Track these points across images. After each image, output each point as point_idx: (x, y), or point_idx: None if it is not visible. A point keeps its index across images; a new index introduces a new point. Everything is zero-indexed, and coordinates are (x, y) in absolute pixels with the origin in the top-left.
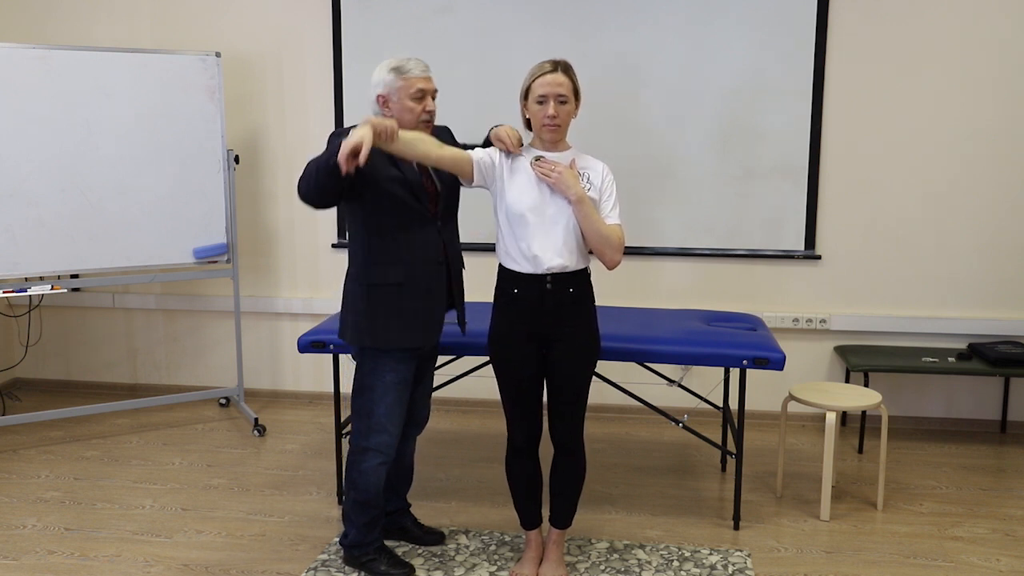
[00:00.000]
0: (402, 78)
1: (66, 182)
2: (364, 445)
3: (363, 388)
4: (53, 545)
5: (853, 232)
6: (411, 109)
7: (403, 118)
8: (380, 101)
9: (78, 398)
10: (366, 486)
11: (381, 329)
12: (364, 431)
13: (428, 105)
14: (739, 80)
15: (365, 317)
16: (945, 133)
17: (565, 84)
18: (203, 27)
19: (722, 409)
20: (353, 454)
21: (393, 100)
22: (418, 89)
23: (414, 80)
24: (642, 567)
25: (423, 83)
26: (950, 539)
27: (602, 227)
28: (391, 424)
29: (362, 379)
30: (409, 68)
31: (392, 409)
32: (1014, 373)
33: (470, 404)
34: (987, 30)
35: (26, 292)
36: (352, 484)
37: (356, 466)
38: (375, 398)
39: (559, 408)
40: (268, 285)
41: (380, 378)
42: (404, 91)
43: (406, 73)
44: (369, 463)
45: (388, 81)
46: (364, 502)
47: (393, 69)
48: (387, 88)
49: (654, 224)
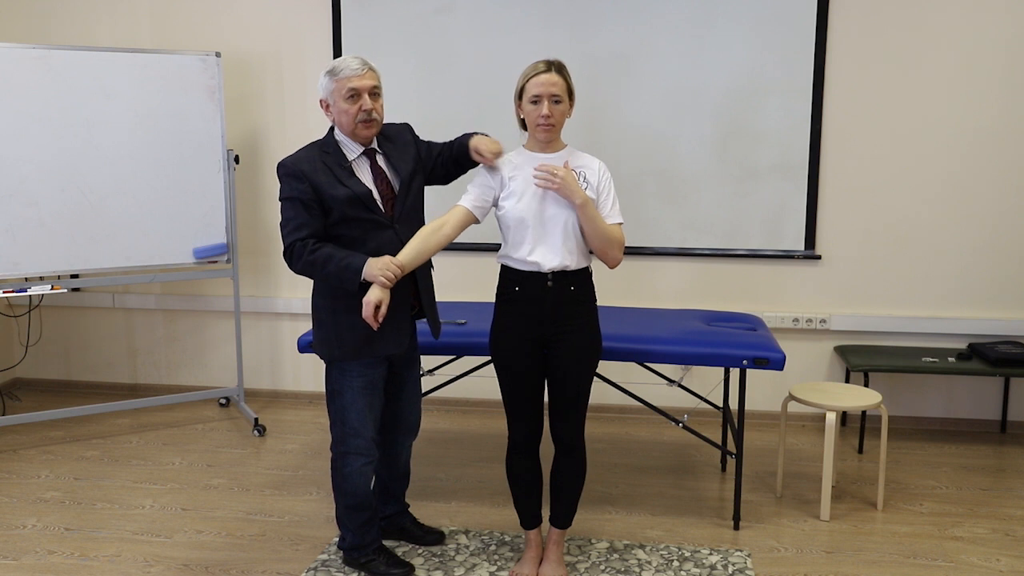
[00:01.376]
0: (335, 79)
1: (66, 182)
2: (342, 450)
3: (333, 394)
4: (53, 545)
5: (853, 232)
6: (346, 111)
7: (342, 122)
8: (323, 107)
9: (78, 398)
10: (353, 489)
11: (344, 341)
12: (340, 437)
13: (364, 104)
14: (739, 80)
15: (328, 329)
16: (945, 133)
17: (559, 84)
18: (203, 27)
19: (722, 409)
20: (334, 460)
21: (332, 104)
22: (349, 89)
23: (344, 81)
24: (642, 567)
25: (356, 81)
26: (950, 539)
27: (606, 229)
28: (364, 428)
29: (331, 386)
30: (341, 68)
31: (364, 413)
32: (1014, 373)
33: (470, 404)
34: (987, 30)
35: (26, 292)
36: (339, 490)
37: (339, 471)
38: (346, 404)
39: (560, 407)
40: (268, 285)
41: (349, 384)
42: (338, 93)
43: (338, 74)
44: (351, 466)
45: (324, 84)
46: (355, 505)
47: (328, 72)
48: (325, 92)
49: (654, 224)
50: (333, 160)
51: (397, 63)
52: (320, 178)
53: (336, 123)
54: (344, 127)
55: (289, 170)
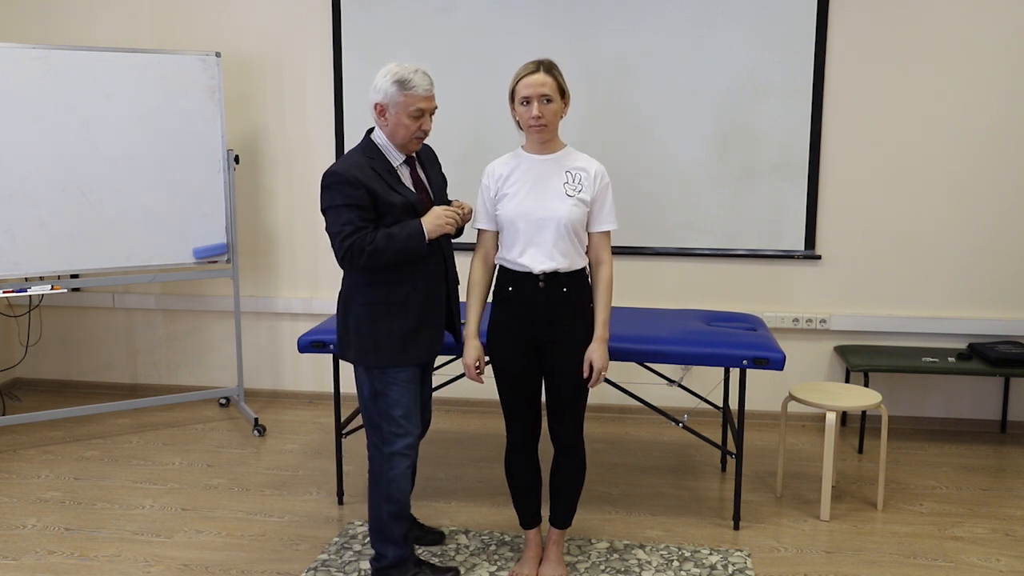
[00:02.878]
0: (404, 93)
1: (66, 182)
2: (389, 452)
3: (376, 396)
4: (53, 545)
5: (853, 232)
6: (406, 126)
7: (396, 132)
8: (377, 110)
9: (78, 398)
10: (399, 495)
11: (389, 349)
12: (388, 438)
13: (424, 124)
14: (739, 80)
15: (370, 337)
16: (945, 133)
17: (549, 84)
18: (203, 27)
19: (722, 409)
20: (378, 465)
21: (390, 112)
22: (418, 108)
23: (415, 98)
24: (642, 567)
25: (424, 103)
26: (950, 539)
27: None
28: (412, 425)
29: (372, 387)
30: (414, 84)
31: (410, 410)
32: (1014, 373)
33: (470, 404)
34: (988, 29)
35: (26, 292)
36: (385, 497)
37: (385, 475)
38: (391, 403)
39: (557, 408)
40: (268, 285)
41: (392, 379)
42: (403, 107)
43: (410, 89)
44: (397, 469)
45: (390, 93)
46: (399, 514)
47: (397, 81)
48: (387, 99)
49: (654, 224)
50: (380, 166)
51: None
52: (375, 184)
53: (387, 131)
54: (396, 138)
55: (343, 177)
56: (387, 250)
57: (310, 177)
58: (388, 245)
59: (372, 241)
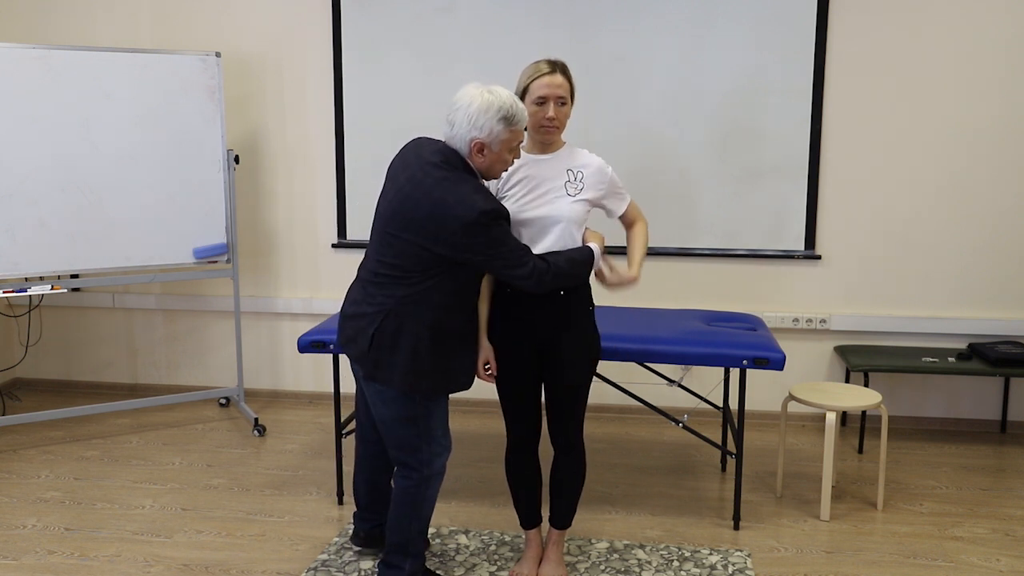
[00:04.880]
0: (510, 130)
1: (66, 182)
2: (428, 473)
3: (416, 419)
4: (53, 545)
5: (853, 232)
6: (505, 161)
7: (494, 168)
8: (475, 147)
9: (78, 398)
10: (430, 511)
11: (445, 377)
12: (427, 459)
13: (516, 155)
14: (739, 80)
15: (425, 362)
16: (945, 133)
17: (564, 85)
18: (203, 27)
19: (722, 409)
20: (416, 487)
21: (491, 149)
22: (519, 142)
23: (520, 132)
24: (642, 567)
25: (522, 135)
26: (950, 539)
27: (645, 242)
28: (448, 438)
29: (412, 412)
30: (519, 119)
31: (447, 424)
32: (1014, 373)
33: (470, 404)
34: (988, 30)
35: (26, 292)
36: (418, 516)
37: (423, 495)
38: (433, 424)
39: (556, 408)
40: (268, 285)
41: (436, 406)
42: (507, 143)
43: (515, 125)
44: (434, 488)
45: (496, 131)
46: (424, 528)
47: (504, 119)
48: (491, 137)
49: (654, 224)
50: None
51: (397, 63)
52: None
53: (483, 166)
54: (487, 172)
55: (501, 212)
56: (570, 272)
57: (310, 177)
58: (571, 268)
59: (551, 264)
